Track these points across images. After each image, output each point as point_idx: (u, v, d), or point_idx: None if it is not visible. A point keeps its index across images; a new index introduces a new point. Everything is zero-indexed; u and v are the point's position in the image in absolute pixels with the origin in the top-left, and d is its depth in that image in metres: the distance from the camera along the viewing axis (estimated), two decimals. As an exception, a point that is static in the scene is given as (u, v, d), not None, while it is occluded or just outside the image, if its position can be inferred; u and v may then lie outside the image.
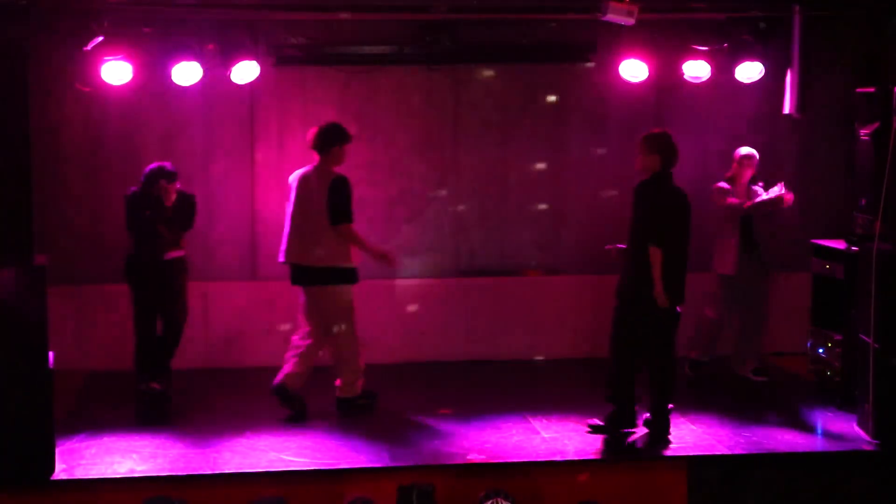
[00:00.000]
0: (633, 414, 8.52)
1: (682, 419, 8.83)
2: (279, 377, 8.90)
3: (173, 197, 9.23)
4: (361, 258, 8.92)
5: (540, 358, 10.54)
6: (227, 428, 8.63)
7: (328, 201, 8.74)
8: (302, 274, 8.91)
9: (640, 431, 8.51)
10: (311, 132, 8.98)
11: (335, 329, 8.91)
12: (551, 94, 10.95)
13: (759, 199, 9.68)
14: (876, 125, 8.55)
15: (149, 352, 9.27)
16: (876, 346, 8.19)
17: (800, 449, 8.24)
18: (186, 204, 9.35)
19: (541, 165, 10.52)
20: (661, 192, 8.34)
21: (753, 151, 9.88)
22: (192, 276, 9.99)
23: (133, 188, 9.23)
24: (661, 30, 9.60)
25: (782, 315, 10.83)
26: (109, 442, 8.31)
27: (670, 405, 8.53)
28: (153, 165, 9.25)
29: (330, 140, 8.87)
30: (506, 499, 6.05)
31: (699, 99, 10.59)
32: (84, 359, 10.13)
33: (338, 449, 8.18)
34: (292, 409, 8.89)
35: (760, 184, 9.86)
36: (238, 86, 9.60)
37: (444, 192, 10.81)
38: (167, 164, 9.25)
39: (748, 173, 9.87)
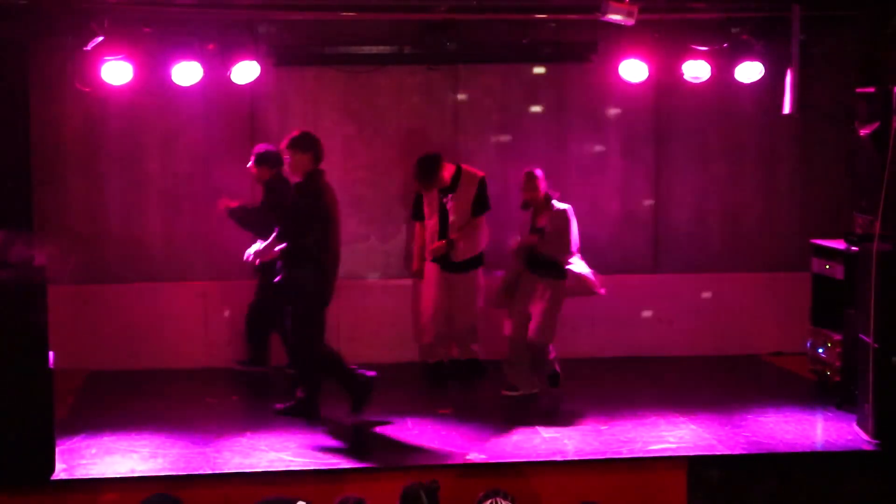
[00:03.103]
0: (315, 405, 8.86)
1: (682, 419, 8.83)
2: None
3: None
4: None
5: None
6: (227, 428, 8.63)
7: None
8: None
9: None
10: None
11: None
12: (551, 93, 10.95)
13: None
14: (876, 125, 8.53)
15: None
16: (876, 345, 8.18)
17: (800, 449, 8.24)
18: None
19: (540, 165, 10.50)
20: (321, 190, 8.69)
21: (536, 170, 9.49)
22: (191, 275, 9.99)
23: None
24: (661, 29, 9.59)
25: (782, 315, 10.83)
26: (109, 442, 8.31)
27: (301, 394, 8.84)
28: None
29: None
30: (505, 498, 6.03)
31: (699, 99, 10.58)
32: (84, 359, 10.13)
33: (338, 449, 8.19)
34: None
35: (557, 196, 9.52)
36: (238, 86, 9.59)
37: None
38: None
39: (537, 193, 9.45)
